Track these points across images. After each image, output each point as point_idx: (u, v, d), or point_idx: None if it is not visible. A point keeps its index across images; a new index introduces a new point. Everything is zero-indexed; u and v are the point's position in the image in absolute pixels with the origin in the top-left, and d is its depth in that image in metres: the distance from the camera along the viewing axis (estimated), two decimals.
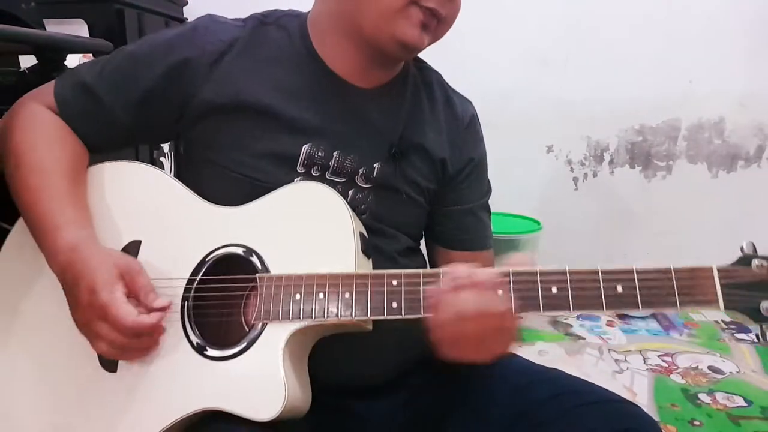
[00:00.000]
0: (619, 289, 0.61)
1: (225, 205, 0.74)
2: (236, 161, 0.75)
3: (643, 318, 2.08)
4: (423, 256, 0.90)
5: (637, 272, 0.61)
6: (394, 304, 0.65)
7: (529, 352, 1.80)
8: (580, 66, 2.18)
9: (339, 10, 0.76)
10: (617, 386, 1.63)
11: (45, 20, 1.23)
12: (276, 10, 0.82)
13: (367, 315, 0.65)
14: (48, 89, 0.78)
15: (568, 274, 0.62)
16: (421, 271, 0.65)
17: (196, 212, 0.75)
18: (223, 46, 0.76)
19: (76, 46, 1.17)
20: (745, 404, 1.56)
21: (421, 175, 0.81)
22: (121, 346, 0.64)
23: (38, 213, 0.70)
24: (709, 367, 1.75)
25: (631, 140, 2.26)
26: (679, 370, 1.73)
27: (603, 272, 0.61)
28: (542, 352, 1.84)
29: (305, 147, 0.75)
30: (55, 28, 1.33)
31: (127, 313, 0.63)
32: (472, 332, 0.60)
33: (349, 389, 0.78)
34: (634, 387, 1.64)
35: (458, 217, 0.87)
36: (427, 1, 0.71)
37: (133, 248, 0.73)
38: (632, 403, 0.71)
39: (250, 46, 0.77)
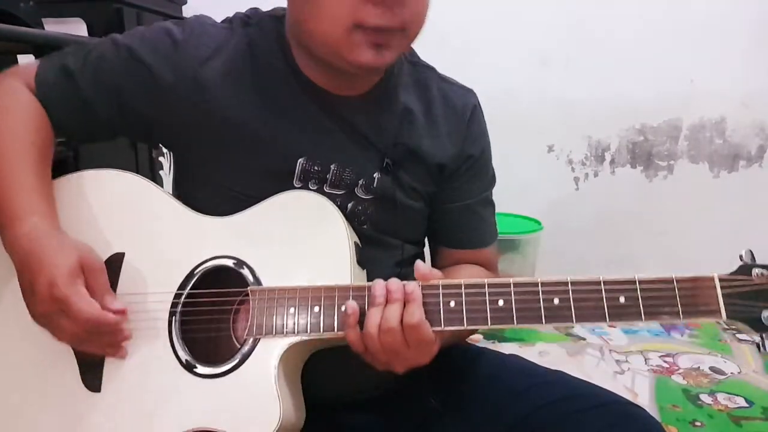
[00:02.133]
0: (622, 299, 0.60)
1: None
2: (228, 177, 0.73)
3: None
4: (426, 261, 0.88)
5: (639, 282, 0.60)
6: None
7: (530, 353, 1.80)
8: (582, 66, 2.17)
9: (296, 32, 0.72)
10: (618, 387, 1.62)
11: (44, 19, 1.23)
12: (257, 9, 0.79)
13: (364, 327, 0.63)
14: (32, 67, 0.76)
15: (570, 285, 0.61)
16: (419, 283, 0.63)
17: (183, 222, 0.72)
18: (206, 55, 0.73)
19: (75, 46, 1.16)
20: (746, 405, 1.55)
21: (418, 180, 0.79)
22: (82, 340, 0.64)
23: (1, 200, 0.67)
24: (711, 368, 1.74)
25: (633, 140, 2.25)
26: (680, 371, 1.73)
27: (605, 282, 0.61)
28: (543, 352, 1.83)
29: (300, 161, 0.73)
30: (54, 27, 1.33)
31: (90, 305, 0.61)
32: (381, 347, 0.61)
33: (344, 403, 0.77)
34: (636, 388, 1.64)
35: (456, 215, 0.84)
36: (368, 20, 0.63)
37: (116, 261, 0.70)
38: (636, 405, 0.71)
39: (234, 58, 0.74)
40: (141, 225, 0.72)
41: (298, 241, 0.68)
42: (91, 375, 0.67)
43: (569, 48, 2.16)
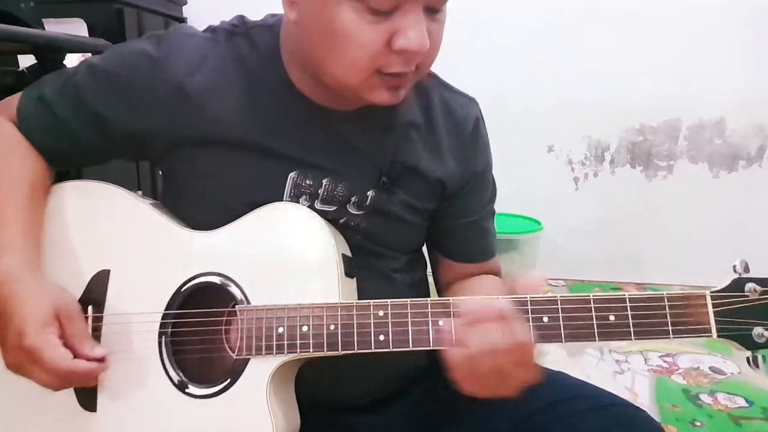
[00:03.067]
0: (612, 318, 0.60)
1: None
2: (216, 191, 0.71)
3: None
4: (423, 266, 0.86)
5: (629, 300, 0.60)
6: (382, 337, 0.63)
7: None
8: (581, 66, 2.17)
9: (306, 60, 0.68)
10: (618, 387, 1.62)
11: (44, 20, 1.23)
12: (243, 18, 0.75)
13: (353, 348, 0.63)
14: (13, 100, 0.75)
15: (559, 303, 0.60)
16: (407, 301, 0.63)
17: (168, 237, 0.70)
18: (190, 68, 0.70)
19: (75, 46, 1.17)
20: (746, 405, 1.55)
21: (417, 198, 0.76)
22: (56, 387, 0.61)
23: None
24: (710, 368, 1.74)
25: (632, 140, 2.25)
26: (680, 371, 1.73)
27: (595, 300, 0.60)
28: (543, 353, 1.83)
29: (291, 175, 0.71)
30: (55, 27, 1.33)
31: (61, 357, 0.59)
32: (490, 369, 0.58)
33: (345, 406, 0.76)
34: (635, 388, 1.64)
35: (462, 230, 0.82)
36: (390, 67, 0.62)
37: (101, 278, 0.69)
38: (637, 407, 0.70)
39: (221, 69, 0.71)
40: (126, 240, 0.71)
41: (285, 256, 0.67)
42: (86, 395, 0.67)
43: (569, 48, 2.16)
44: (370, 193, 0.73)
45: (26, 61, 1.17)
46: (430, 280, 0.88)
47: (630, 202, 2.29)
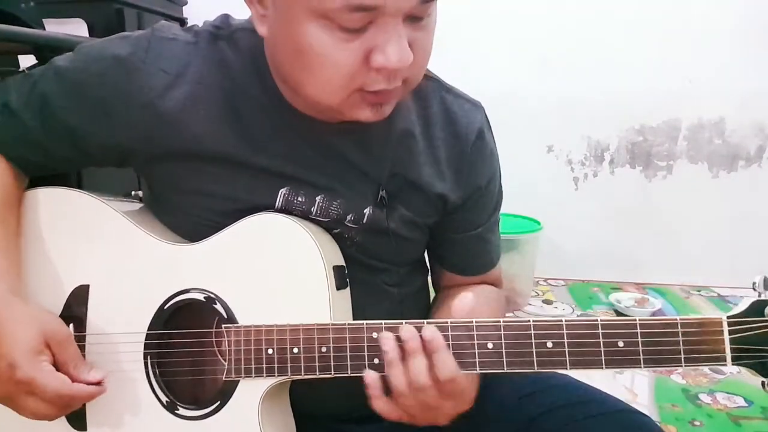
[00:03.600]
0: (621, 344, 0.56)
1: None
2: (202, 207, 0.67)
3: None
4: (424, 272, 0.83)
5: (640, 325, 0.56)
6: (376, 360, 0.59)
7: None
8: (581, 66, 2.17)
9: (283, 76, 0.62)
10: (618, 387, 1.62)
11: (44, 20, 1.23)
12: (228, 18, 0.68)
13: (347, 372, 0.60)
14: None
15: (564, 327, 0.57)
16: (402, 322, 0.59)
17: (148, 251, 0.66)
18: (167, 79, 0.63)
19: (75, 46, 1.17)
20: (745, 404, 1.55)
21: (417, 213, 0.71)
22: (50, 415, 0.59)
23: None
24: (710, 368, 1.75)
25: (632, 140, 2.25)
26: (679, 370, 1.73)
27: (603, 325, 0.56)
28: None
29: (282, 191, 0.66)
30: (55, 27, 1.33)
31: (62, 384, 0.57)
32: (416, 403, 0.57)
33: (339, 417, 0.75)
34: (635, 388, 1.64)
35: (464, 244, 0.77)
36: (371, 86, 0.56)
37: (81, 293, 0.66)
38: (641, 413, 0.69)
39: (202, 80, 0.64)
40: (104, 253, 0.67)
41: (270, 270, 0.63)
42: (76, 416, 0.65)
43: (569, 48, 2.17)
44: (367, 211, 0.68)
45: (26, 61, 1.17)
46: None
47: (630, 203, 2.29)
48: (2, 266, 0.63)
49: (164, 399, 0.64)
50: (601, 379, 1.66)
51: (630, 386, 1.64)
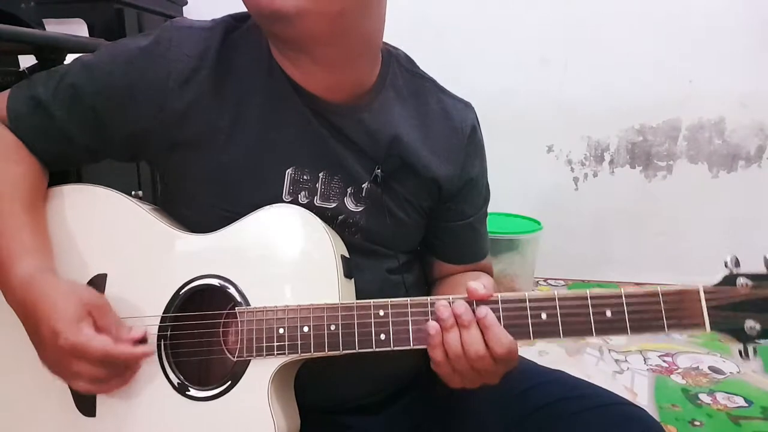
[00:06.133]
0: (608, 314, 0.61)
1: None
2: (214, 194, 0.70)
3: None
4: (419, 269, 0.86)
5: (625, 296, 0.61)
6: (383, 336, 0.63)
7: (530, 353, 1.80)
8: (581, 66, 2.18)
9: None
10: (618, 387, 1.62)
11: (44, 20, 1.23)
12: (244, 13, 0.72)
13: (355, 348, 0.63)
14: (1, 100, 0.72)
15: (557, 300, 0.62)
16: (407, 300, 0.64)
17: (165, 241, 0.70)
18: (191, 62, 0.68)
19: (76, 46, 1.17)
20: (745, 404, 1.55)
21: (413, 194, 0.76)
22: (101, 379, 0.61)
23: None
24: (710, 368, 1.75)
25: (632, 140, 2.26)
26: (679, 371, 1.73)
27: (592, 297, 0.62)
28: (542, 352, 1.83)
29: (288, 171, 0.70)
30: (55, 27, 1.33)
31: (104, 343, 0.59)
32: (468, 368, 0.61)
33: (342, 408, 0.76)
34: (635, 387, 1.64)
35: (456, 232, 0.83)
36: None
37: (99, 282, 0.68)
38: (637, 406, 0.71)
39: (219, 66, 0.69)
40: (123, 244, 0.70)
41: (283, 257, 0.67)
42: (85, 400, 0.66)
43: (569, 48, 2.17)
44: (364, 186, 0.73)
45: (26, 61, 1.16)
46: None
47: (629, 203, 2.29)
48: (36, 245, 0.66)
49: (176, 381, 0.66)
50: (601, 379, 1.66)
51: (630, 386, 1.64)
